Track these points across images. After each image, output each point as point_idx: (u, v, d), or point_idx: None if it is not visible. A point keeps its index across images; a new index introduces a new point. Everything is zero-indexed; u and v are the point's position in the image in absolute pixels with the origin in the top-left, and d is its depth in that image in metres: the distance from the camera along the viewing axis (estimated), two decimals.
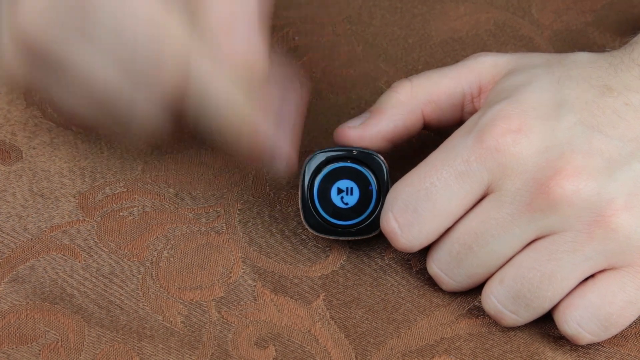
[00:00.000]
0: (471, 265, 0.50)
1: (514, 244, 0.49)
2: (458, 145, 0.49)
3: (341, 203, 0.52)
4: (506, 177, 0.48)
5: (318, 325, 0.51)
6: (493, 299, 0.50)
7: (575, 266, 0.48)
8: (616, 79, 0.49)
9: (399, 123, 0.52)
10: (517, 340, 0.51)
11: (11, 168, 0.56)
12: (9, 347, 0.50)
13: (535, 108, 0.49)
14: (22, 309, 0.51)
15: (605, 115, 0.48)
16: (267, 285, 0.53)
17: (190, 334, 0.51)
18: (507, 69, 0.52)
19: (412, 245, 0.50)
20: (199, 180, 0.56)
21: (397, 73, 0.61)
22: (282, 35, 0.62)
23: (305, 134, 0.58)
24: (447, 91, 0.52)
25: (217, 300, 0.52)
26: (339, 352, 0.50)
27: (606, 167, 0.47)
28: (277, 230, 0.55)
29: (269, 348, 0.51)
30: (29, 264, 0.53)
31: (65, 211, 0.55)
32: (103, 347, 0.50)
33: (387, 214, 0.50)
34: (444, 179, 0.48)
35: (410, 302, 0.52)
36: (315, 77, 0.61)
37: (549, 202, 0.47)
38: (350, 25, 0.63)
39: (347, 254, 0.54)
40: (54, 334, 0.51)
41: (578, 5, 0.64)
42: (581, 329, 0.49)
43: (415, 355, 0.50)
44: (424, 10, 0.64)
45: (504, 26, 0.63)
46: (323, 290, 0.53)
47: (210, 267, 0.53)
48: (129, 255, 0.53)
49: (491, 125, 0.48)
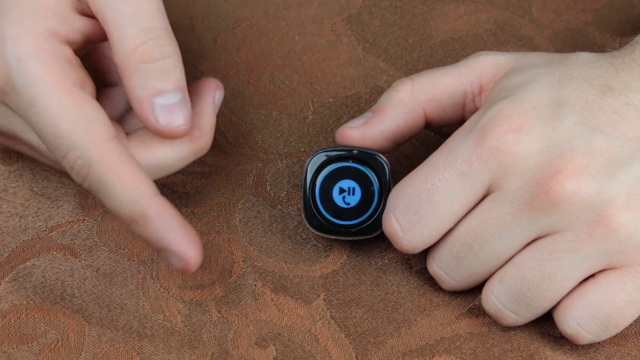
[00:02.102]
0: (471, 264, 0.50)
1: (515, 244, 0.49)
2: (459, 146, 0.49)
3: (343, 203, 0.52)
4: (507, 177, 0.48)
5: (318, 325, 0.51)
6: (493, 298, 0.50)
7: (575, 266, 0.48)
8: (617, 79, 0.49)
9: (400, 122, 0.52)
10: (517, 339, 0.51)
11: (11, 167, 0.56)
12: (10, 346, 0.50)
13: (536, 107, 0.49)
14: (22, 309, 0.51)
15: (605, 115, 0.48)
16: (267, 285, 0.53)
17: (190, 334, 0.51)
18: (508, 68, 0.52)
19: (415, 246, 0.50)
20: (199, 179, 0.56)
21: (397, 73, 0.61)
22: (282, 35, 0.63)
23: (306, 134, 0.58)
24: (449, 90, 0.52)
25: (217, 300, 0.52)
26: (339, 351, 0.50)
27: (607, 166, 0.47)
28: (278, 230, 0.55)
29: (269, 347, 0.51)
30: (29, 263, 0.53)
31: (66, 211, 0.55)
32: (103, 346, 0.50)
33: (389, 215, 0.50)
34: (445, 179, 0.48)
35: (410, 302, 0.52)
36: (315, 77, 0.61)
37: (549, 201, 0.47)
38: (350, 25, 0.63)
39: (348, 254, 0.54)
40: (54, 334, 0.51)
41: (578, 5, 0.64)
42: (581, 328, 0.49)
43: (415, 354, 0.50)
44: (424, 10, 0.64)
45: (504, 26, 0.63)
46: (323, 290, 0.53)
47: (211, 267, 0.53)
48: (129, 254, 0.53)
49: (492, 124, 0.48)
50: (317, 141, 0.58)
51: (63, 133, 0.47)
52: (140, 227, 0.47)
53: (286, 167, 0.57)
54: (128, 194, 0.47)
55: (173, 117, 0.48)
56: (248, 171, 0.57)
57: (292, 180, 0.56)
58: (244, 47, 0.62)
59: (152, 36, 0.48)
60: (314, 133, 0.58)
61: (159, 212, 0.47)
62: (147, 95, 0.48)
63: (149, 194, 0.47)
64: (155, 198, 0.47)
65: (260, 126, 0.58)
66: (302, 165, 0.57)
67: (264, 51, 0.62)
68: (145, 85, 0.48)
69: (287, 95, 0.60)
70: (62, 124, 0.47)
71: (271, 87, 0.60)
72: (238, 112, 0.59)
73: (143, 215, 0.47)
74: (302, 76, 0.61)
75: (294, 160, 0.57)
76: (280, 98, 0.60)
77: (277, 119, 0.59)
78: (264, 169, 0.57)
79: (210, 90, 0.53)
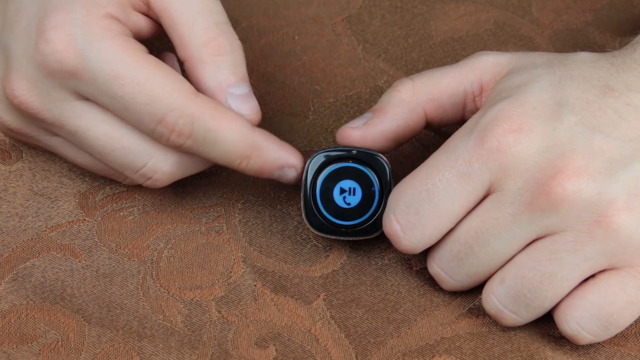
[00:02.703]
0: (472, 264, 0.50)
1: (515, 244, 0.49)
2: (459, 146, 0.49)
3: (343, 203, 0.52)
4: (507, 177, 0.48)
5: (318, 325, 0.51)
6: (493, 298, 0.50)
7: (575, 266, 0.48)
8: (617, 79, 0.49)
9: (401, 122, 0.52)
10: (517, 339, 0.51)
11: (11, 168, 0.56)
12: (9, 346, 0.50)
13: (536, 108, 0.48)
14: (22, 309, 0.51)
15: (606, 115, 0.48)
16: (267, 285, 0.53)
17: (190, 334, 0.51)
18: (509, 68, 0.52)
19: (415, 247, 0.50)
20: (199, 179, 0.56)
21: (397, 73, 0.61)
22: (282, 35, 0.62)
23: (306, 134, 0.58)
24: (449, 90, 0.52)
25: (217, 300, 0.52)
26: (339, 351, 0.50)
27: (607, 167, 0.47)
28: (278, 230, 0.55)
29: (269, 348, 0.51)
30: (29, 263, 0.53)
31: (66, 211, 0.55)
32: (103, 346, 0.50)
33: (389, 216, 0.50)
34: (445, 180, 0.48)
35: (410, 302, 0.52)
36: (315, 77, 0.61)
37: (549, 202, 0.47)
38: (350, 25, 0.63)
39: (348, 254, 0.54)
40: (54, 334, 0.51)
41: (578, 5, 0.64)
42: (581, 329, 0.49)
43: (415, 354, 0.50)
44: (424, 9, 0.64)
45: (504, 25, 0.63)
46: (323, 290, 0.53)
47: (211, 267, 0.53)
48: (129, 254, 0.53)
49: (492, 125, 0.48)
50: (317, 141, 0.58)
51: (157, 97, 0.49)
52: (254, 158, 0.51)
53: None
54: (237, 132, 0.50)
55: (244, 106, 0.52)
56: None
57: None
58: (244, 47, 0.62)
59: (223, 30, 0.52)
60: (314, 133, 0.58)
61: (266, 137, 0.51)
62: (221, 86, 0.51)
63: (249, 126, 0.51)
64: (256, 129, 0.51)
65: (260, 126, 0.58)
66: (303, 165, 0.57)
67: (264, 51, 0.62)
68: (219, 76, 0.51)
69: (287, 95, 0.60)
70: (153, 88, 0.49)
71: (271, 87, 0.60)
72: None
73: (255, 146, 0.51)
74: (302, 76, 0.61)
75: None
76: (280, 98, 0.60)
77: (277, 119, 0.59)
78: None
79: None
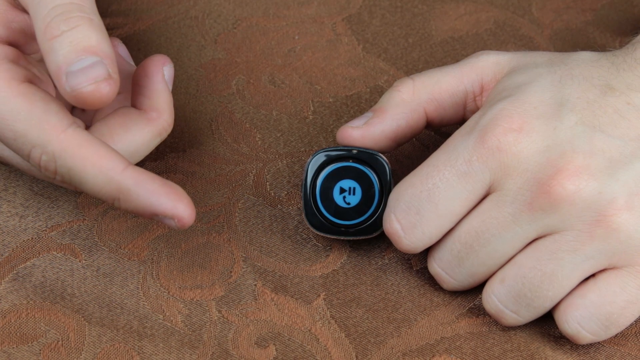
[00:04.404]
0: (472, 264, 0.50)
1: (515, 243, 0.49)
2: (460, 146, 0.49)
3: (343, 203, 0.52)
4: (508, 177, 0.48)
5: (318, 325, 0.51)
6: (494, 298, 0.50)
7: (576, 266, 0.48)
8: (618, 78, 0.49)
9: (402, 122, 0.52)
10: (518, 339, 0.51)
11: (11, 167, 0.56)
12: (10, 346, 0.50)
13: (537, 107, 0.49)
14: (22, 308, 0.51)
15: (606, 114, 0.48)
16: (267, 285, 0.53)
17: (190, 333, 0.51)
18: (509, 68, 0.52)
19: (416, 246, 0.50)
20: (199, 179, 0.56)
21: (398, 72, 0.61)
22: (282, 35, 0.62)
23: (306, 134, 0.58)
24: (450, 89, 0.52)
25: (217, 300, 0.52)
26: (339, 351, 0.50)
27: (607, 166, 0.47)
28: (278, 230, 0.55)
29: (270, 347, 0.51)
30: (29, 263, 0.53)
31: (66, 210, 0.55)
32: (103, 346, 0.50)
33: (389, 216, 0.50)
34: (446, 179, 0.48)
35: (410, 302, 0.52)
36: (315, 77, 0.61)
37: (550, 201, 0.47)
38: (350, 25, 0.63)
39: (348, 254, 0.54)
40: (54, 333, 0.51)
41: (578, 4, 0.64)
42: (581, 328, 0.49)
43: (415, 354, 0.50)
44: (424, 9, 0.64)
45: (504, 25, 0.63)
46: (323, 290, 0.53)
47: (211, 267, 0.53)
48: (129, 254, 0.53)
49: (493, 124, 0.48)
50: (318, 141, 0.58)
51: (20, 133, 0.46)
52: (124, 202, 0.47)
53: (286, 166, 0.57)
54: (100, 174, 0.46)
55: (83, 79, 0.46)
56: (248, 171, 0.57)
57: (292, 180, 0.56)
58: (244, 47, 0.62)
59: (58, 12, 0.47)
60: (314, 133, 0.58)
61: (136, 181, 0.46)
62: (60, 69, 0.46)
63: (120, 167, 0.46)
64: (128, 169, 0.47)
65: (260, 126, 0.58)
66: (302, 165, 0.57)
67: (264, 51, 0.62)
68: (58, 60, 0.46)
69: (287, 95, 0.60)
70: (16, 124, 0.46)
71: (271, 87, 0.60)
72: (238, 112, 0.59)
73: (122, 191, 0.46)
74: (302, 76, 0.61)
75: (294, 160, 0.57)
76: (280, 98, 0.60)
77: (277, 119, 0.59)
78: (264, 169, 0.57)
79: (158, 68, 0.52)
